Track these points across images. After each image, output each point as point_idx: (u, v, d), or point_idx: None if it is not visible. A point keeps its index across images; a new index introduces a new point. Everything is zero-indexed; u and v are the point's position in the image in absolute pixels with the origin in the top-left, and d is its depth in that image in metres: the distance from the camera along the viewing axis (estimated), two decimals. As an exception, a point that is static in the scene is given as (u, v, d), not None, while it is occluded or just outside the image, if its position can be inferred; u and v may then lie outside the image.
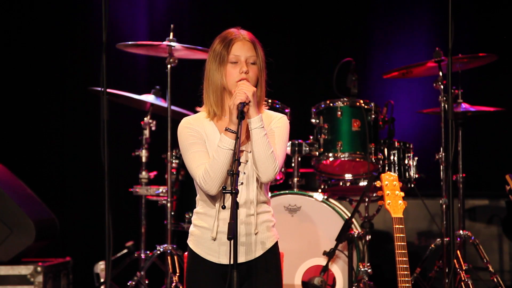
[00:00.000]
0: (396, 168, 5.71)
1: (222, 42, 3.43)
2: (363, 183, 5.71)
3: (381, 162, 5.64)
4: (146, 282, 5.80)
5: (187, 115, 6.08)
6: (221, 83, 3.42)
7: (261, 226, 3.45)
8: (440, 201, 5.62)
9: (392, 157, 5.71)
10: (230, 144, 3.29)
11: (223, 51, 3.42)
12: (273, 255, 3.48)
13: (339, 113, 5.61)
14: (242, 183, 3.40)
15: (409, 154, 5.75)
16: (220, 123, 3.45)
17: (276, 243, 3.50)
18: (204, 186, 3.36)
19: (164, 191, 5.79)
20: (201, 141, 3.43)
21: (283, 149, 3.45)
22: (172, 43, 5.67)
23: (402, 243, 3.69)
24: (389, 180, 3.84)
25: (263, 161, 3.33)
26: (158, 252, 5.66)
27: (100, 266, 5.96)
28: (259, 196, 3.44)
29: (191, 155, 3.41)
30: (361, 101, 5.64)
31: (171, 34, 5.70)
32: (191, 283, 3.48)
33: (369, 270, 5.27)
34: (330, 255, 5.09)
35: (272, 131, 3.44)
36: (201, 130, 3.44)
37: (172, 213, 5.67)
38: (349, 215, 5.24)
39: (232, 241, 3.14)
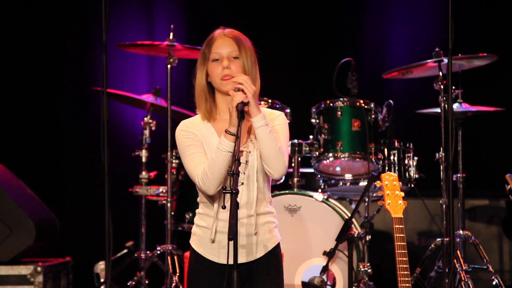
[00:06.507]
0: (396, 168, 5.71)
1: (206, 42, 3.49)
2: (363, 183, 5.71)
3: (381, 162, 5.64)
4: (146, 282, 5.80)
5: (187, 115, 6.12)
6: (202, 81, 3.46)
7: (263, 227, 3.46)
8: (440, 201, 5.61)
9: (392, 157, 5.71)
10: (229, 147, 3.29)
11: (206, 50, 3.47)
12: (274, 256, 3.48)
13: (339, 113, 5.61)
14: (242, 183, 3.41)
15: (409, 154, 5.75)
16: (216, 124, 3.47)
17: (278, 244, 3.51)
18: (203, 187, 3.36)
19: (164, 191, 5.79)
20: (198, 143, 3.44)
21: (287, 145, 3.47)
22: (172, 43, 5.67)
23: (402, 243, 3.69)
24: (389, 180, 3.84)
25: (272, 157, 3.34)
26: (158, 252, 5.66)
27: (100, 266, 5.96)
28: (260, 196, 3.45)
29: (188, 157, 3.42)
30: (361, 101, 5.64)
31: (171, 34, 5.70)
32: (193, 282, 3.49)
33: (369, 270, 5.27)
34: (330, 255, 5.08)
35: (274, 128, 3.44)
36: (198, 133, 3.45)
37: (172, 213, 5.67)
38: (349, 215, 5.24)
39: (232, 241, 3.14)
